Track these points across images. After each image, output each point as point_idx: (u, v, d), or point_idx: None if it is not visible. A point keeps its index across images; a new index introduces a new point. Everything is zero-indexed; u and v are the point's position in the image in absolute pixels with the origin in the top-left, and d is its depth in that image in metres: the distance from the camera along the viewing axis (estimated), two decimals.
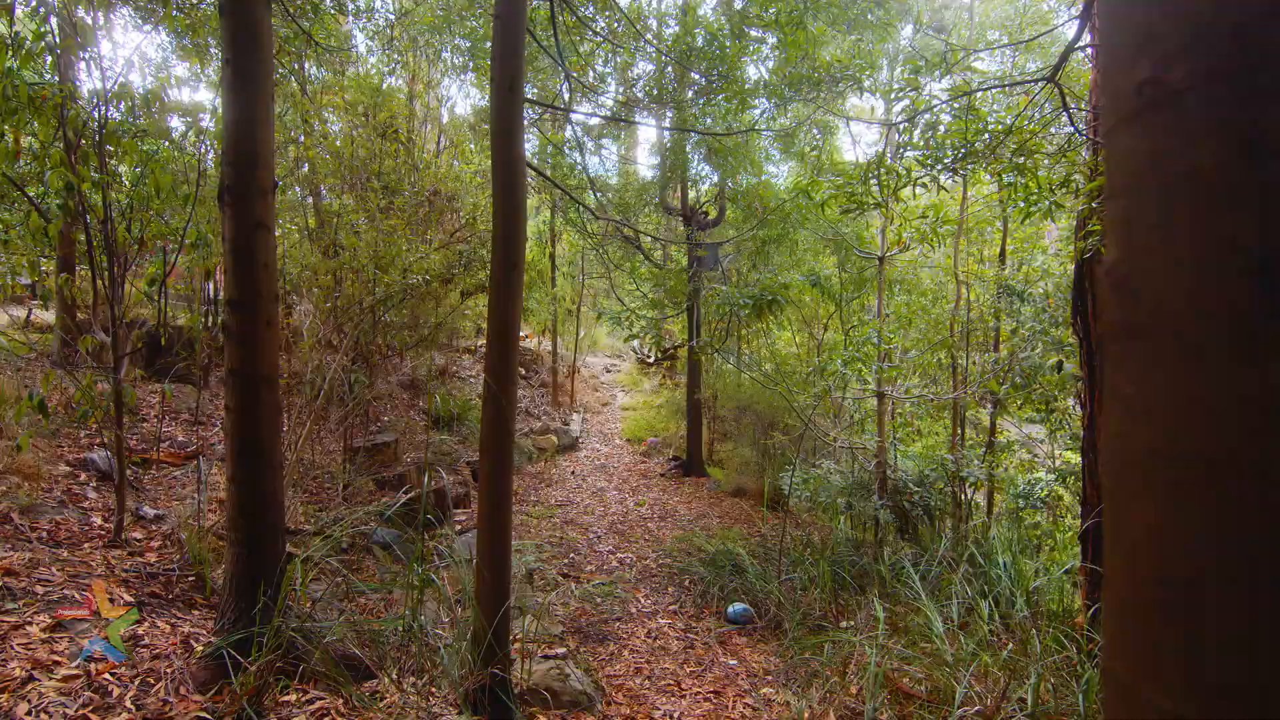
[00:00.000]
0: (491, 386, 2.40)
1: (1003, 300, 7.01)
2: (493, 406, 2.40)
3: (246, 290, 2.39)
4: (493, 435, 2.42)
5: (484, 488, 2.44)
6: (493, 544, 2.44)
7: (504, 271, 2.41)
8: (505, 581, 2.45)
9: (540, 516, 7.32)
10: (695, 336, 8.36)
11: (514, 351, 2.42)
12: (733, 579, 5.19)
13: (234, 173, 2.39)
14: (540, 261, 11.59)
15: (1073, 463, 7.60)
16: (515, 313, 2.41)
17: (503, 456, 2.44)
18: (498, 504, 2.44)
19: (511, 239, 2.44)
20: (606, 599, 5.06)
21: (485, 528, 2.44)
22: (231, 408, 2.40)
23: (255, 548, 2.42)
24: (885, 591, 5.25)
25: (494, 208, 2.47)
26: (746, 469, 9.31)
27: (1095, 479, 3.74)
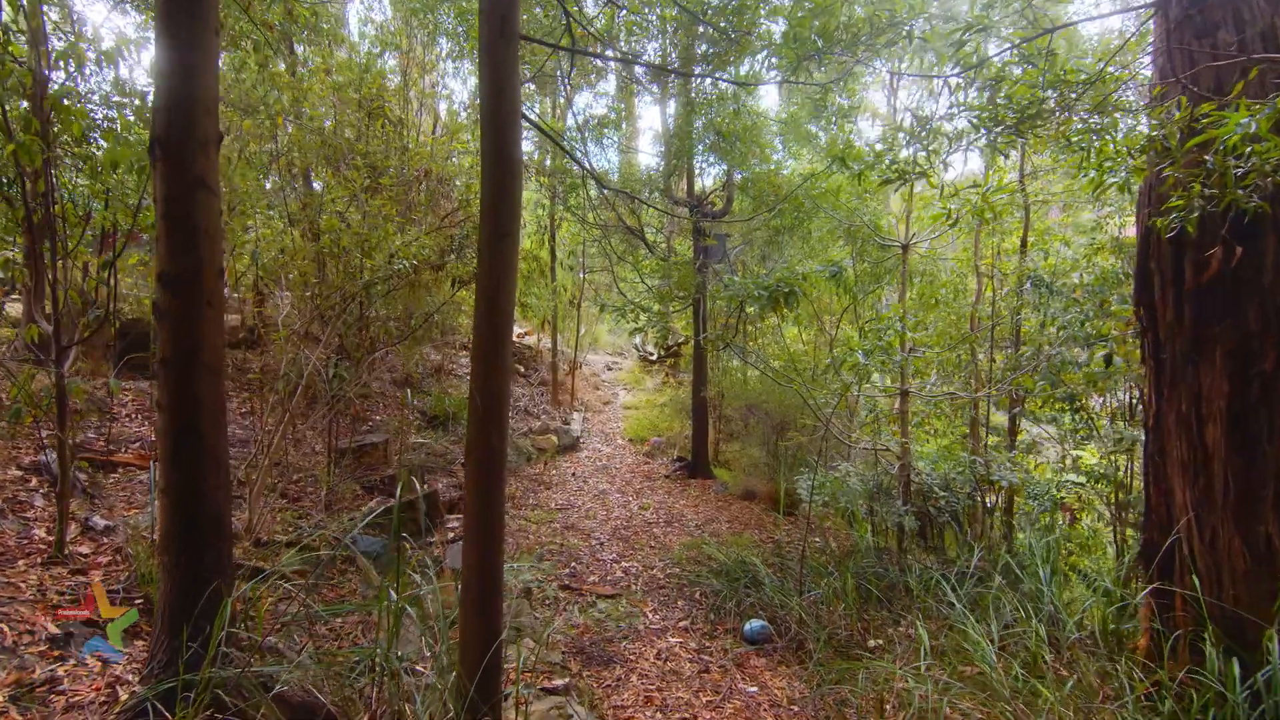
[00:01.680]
0: (479, 377, 1.99)
1: (1030, 293, 6.59)
2: (481, 401, 1.99)
3: (182, 262, 1.98)
4: (481, 436, 2.01)
5: (470, 499, 2.02)
6: (481, 570, 2.03)
7: (493, 241, 2.00)
8: (495, 617, 2.04)
9: (539, 521, 6.91)
10: (702, 331, 7.94)
11: (506, 335, 2.00)
12: (748, 592, 4.78)
13: (167, 121, 1.98)
14: (539, 250, 11.17)
15: (1099, 464, 7.20)
16: (507, 289, 1.99)
17: (493, 461, 2.02)
18: (487, 519, 2.02)
19: (502, 203, 2.02)
20: (611, 618, 4.65)
21: (472, 549, 2.02)
22: (164, 404, 1.99)
23: (193, 572, 2.01)
24: (913, 605, 4.85)
25: (482, 168, 2.06)
26: (755, 470, 8.90)
27: (1164, 485, 3.32)
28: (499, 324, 2.00)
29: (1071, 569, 6.25)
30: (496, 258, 2.00)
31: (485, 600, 1.97)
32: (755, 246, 8.06)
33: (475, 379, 1.99)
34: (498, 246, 2.00)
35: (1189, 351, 3.18)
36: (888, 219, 8.41)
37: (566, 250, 11.75)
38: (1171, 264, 3.25)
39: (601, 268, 12.28)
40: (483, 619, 1.94)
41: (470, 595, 1.98)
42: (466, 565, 1.99)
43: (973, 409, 8.35)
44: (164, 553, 2.01)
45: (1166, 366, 3.30)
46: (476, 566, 1.98)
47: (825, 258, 6.20)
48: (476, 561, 1.98)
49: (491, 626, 1.99)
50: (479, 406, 1.96)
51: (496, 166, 2.03)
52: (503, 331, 2.00)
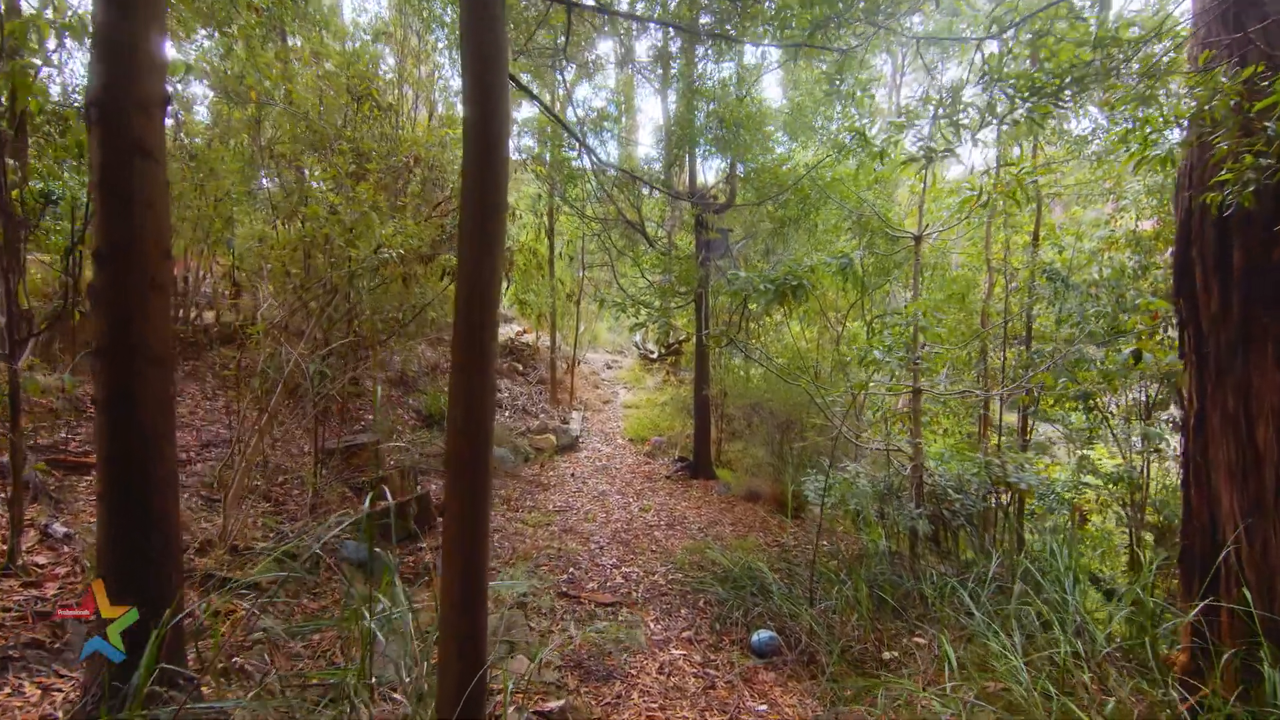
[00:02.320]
0: (460, 375, 1.74)
1: (1045, 288, 6.34)
2: (462, 401, 1.74)
3: (119, 237, 1.74)
4: (463, 440, 1.77)
5: (450, 516, 1.78)
6: (465, 597, 1.78)
7: (477, 218, 1.76)
8: (478, 645, 1.79)
9: (536, 524, 6.67)
10: (704, 328, 7.70)
11: (489, 326, 1.76)
12: (755, 600, 4.54)
13: (103, 80, 1.73)
14: (536, 243, 10.92)
15: (1117, 465, 6.96)
16: (491, 273, 1.75)
17: (476, 470, 1.78)
18: (471, 535, 1.78)
19: (486, 177, 1.78)
20: (609, 636, 4.40)
21: (452, 570, 1.78)
22: (101, 400, 1.74)
23: (133, 592, 1.76)
24: (928, 615, 4.61)
25: (465, 137, 1.81)
26: (759, 471, 8.66)
27: (1207, 490, 3.08)
28: (482, 315, 1.76)
29: (1082, 571, 6.01)
30: (478, 240, 1.76)
31: (465, 633, 1.73)
32: (759, 240, 7.81)
33: (455, 377, 1.75)
34: (480, 227, 1.76)
35: (1236, 344, 2.94)
36: (895, 211, 8.16)
37: (565, 240, 11.50)
38: (1216, 249, 3.01)
39: (601, 263, 12.04)
40: (462, 655, 1.70)
41: (449, 630, 1.73)
42: (444, 596, 1.75)
43: (982, 407, 8.11)
44: (101, 565, 1.77)
45: (1210, 361, 3.06)
46: (458, 603, 1.73)
47: (832, 251, 5.96)
48: (457, 594, 1.73)
49: (473, 656, 1.74)
50: (459, 412, 1.72)
51: (480, 135, 1.79)
52: (486, 323, 1.76)
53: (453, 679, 1.75)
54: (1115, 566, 7.75)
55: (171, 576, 1.86)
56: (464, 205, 1.79)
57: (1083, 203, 9.06)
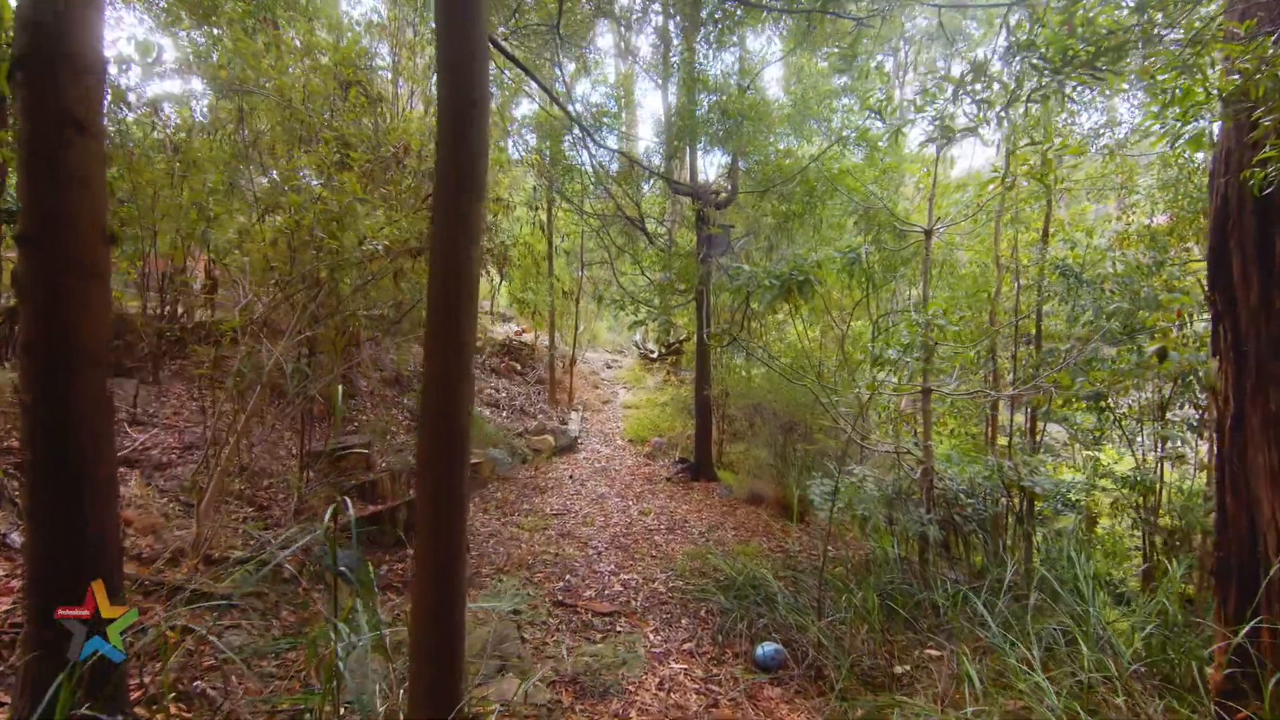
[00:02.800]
0: (433, 374, 1.55)
1: (1058, 284, 6.13)
2: (435, 389, 1.55)
3: (48, 219, 1.53)
4: (436, 433, 1.57)
5: (423, 517, 1.59)
6: (438, 614, 1.58)
7: (451, 192, 1.56)
8: (453, 673, 1.59)
9: (533, 528, 6.47)
10: (706, 326, 7.49)
11: (467, 306, 1.56)
12: (759, 609, 4.33)
13: (31, 38, 1.53)
14: (533, 239, 10.71)
15: (1129, 467, 6.75)
16: (466, 260, 1.55)
17: (452, 468, 1.58)
18: (444, 544, 1.58)
19: (461, 147, 1.58)
20: (605, 657, 4.21)
21: (424, 584, 1.58)
22: (28, 402, 1.54)
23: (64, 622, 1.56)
24: (940, 625, 4.41)
25: (439, 103, 1.61)
26: (762, 473, 8.45)
27: (1245, 496, 2.87)
28: (458, 294, 1.56)
29: (1101, 578, 5.80)
30: (454, 217, 1.56)
31: (438, 655, 1.53)
32: (761, 237, 7.61)
33: (429, 364, 1.55)
34: (456, 202, 1.56)
35: (1279, 340, 2.74)
36: (901, 208, 7.96)
37: (563, 236, 11.29)
38: (1256, 238, 2.80)
39: (600, 261, 11.84)
40: (434, 689, 1.50)
41: (421, 652, 1.53)
42: (415, 613, 1.55)
43: (990, 408, 7.90)
44: (32, 594, 1.57)
45: (1249, 359, 2.86)
46: (430, 622, 1.53)
47: (837, 247, 5.75)
48: (429, 610, 1.53)
49: (447, 688, 1.54)
50: (432, 401, 1.52)
51: (454, 99, 1.59)
52: (462, 302, 1.56)
53: (425, 709, 1.55)
54: (1126, 571, 7.54)
55: (114, 597, 1.66)
56: (439, 177, 1.59)
57: (1093, 198, 8.85)
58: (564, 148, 8.96)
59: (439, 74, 1.61)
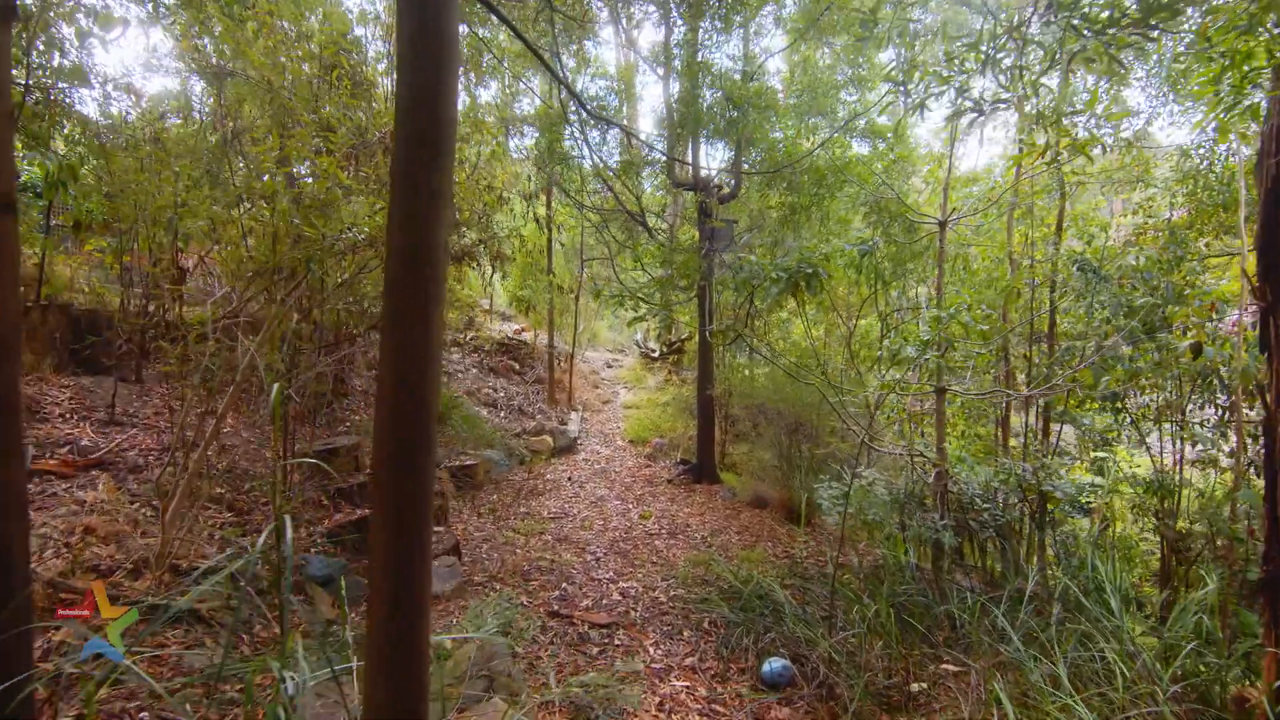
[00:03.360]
0: (393, 327, 1.32)
1: (1077, 279, 5.88)
2: (393, 364, 1.31)
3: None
4: (394, 417, 1.33)
5: (376, 528, 1.35)
6: (396, 646, 1.34)
7: (409, 151, 1.32)
8: (417, 715, 1.35)
9: (529, 533, 6.23)
10: (708, 323, 7.25)
11: (430, 300, 1.32)
12: (765, 621, 4.09)
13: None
14: (530, 229, 10.47)
15: (1145, 469, 6.50)
16: (432, 224, 1.31)
17: (414, 461, 1.34)
18: (405, 567, 1.34)
19: (423, 101, 1.34)
20: (599, 690, 3.97)
21: (378, 610, 1.34)
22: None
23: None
24: (957, 638, 4.16)
25: (397, 47, 1.37)
26: (766, 475, 8.21)
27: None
28: (422, 285, 1.31)
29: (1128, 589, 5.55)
30: (414, 182, 1.32)
31: (396, 710, 1.29)
32: (765, 231, 7.37)
33: (385, 336, 1.32)
34: (417, 164, 1.32)
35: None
36: (910, 199, 7.70)
37: (561, 229, 11.04)
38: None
39: (601, 258, 11.59)
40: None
41: (375, 707, 1.29)
42: (370, 662, 1.31)
43: (1003, 408, 7.65)
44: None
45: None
46: (384, 679, 1.29)
47: (848, 239, 5.51)
48: (382, 644, 1.29)
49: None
50: (389, 376, 1.28)
51: (418, 42, 1.35)
52: (427, 296, 1.31)
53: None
54: (1142, 577, 7.29)
55: (19, 619, 1.43)
56: (396, 142, 1.35)
57: (1107, 191, 8.60)
58: (566, 145, 8.75)
59: (399, 13, 1.38)
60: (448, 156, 1.36)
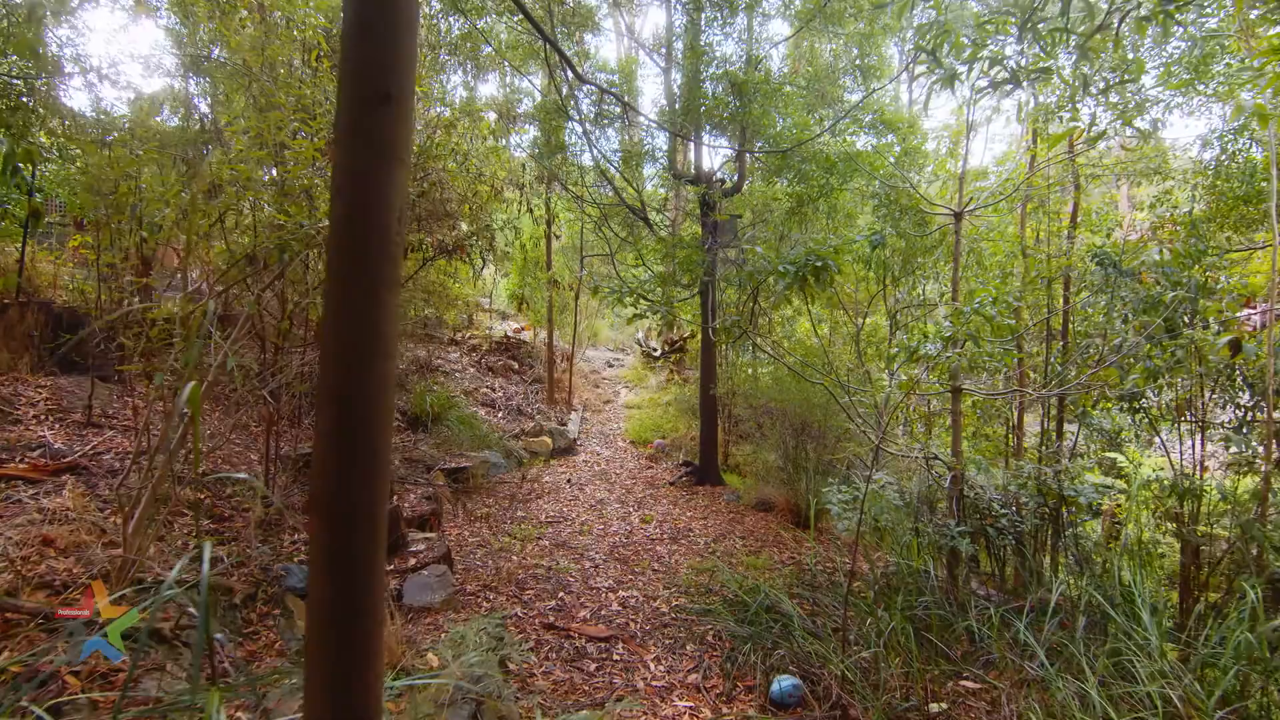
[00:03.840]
0: (338, 287, 1.09)
1: (1095, 273, 5.63)
2: (338, 331, 1.09)
3: None
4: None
5: (319, 561, 1.11)
6: (337, 696, 1.10)
7: (355, 90, 1.09)
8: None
9: (525, 538, 6.00)
10: (711, 320, 7.01)
11: (382, 281, 1.08)
12: (773, 635, 3.85)
13: None
14: (531, 228, 10.24)
15: (1155, 470, 6.26)
16: (383, 185, 1.07)
17: (368, 451, 1.11)
18: (349, 602, 1.10)
19: (367, 39, 1.10)
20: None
21: (320, 661, 1.10)
22: None
23: None
24: (977, 653, 3.92)
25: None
26: (771, 477, 7.97)
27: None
28: (370, 262, 1.08)
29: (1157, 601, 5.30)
30: (362, 131, 1.08)
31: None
32: (771, 225, 7.12)
33: (329, 298, 1.08)
34: (365, 108, 1.08)
35: None
36: (921, 189, 7.46)
37: (551, 218, 10.81)
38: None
39: (601, 255, 11.36)
40: None
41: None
42: (307, 713, 1.07)
43: (1017, 408, 7.41)
44: None
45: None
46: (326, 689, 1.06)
47: (858, 230, 5.26)
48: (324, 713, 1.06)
49: None
50: (330, 347, 1.05)
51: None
52: (376, 277, 1.08)
53: None
54: (1159, 580, 7.04)
55: None
56: (341, 94, 1.11)
57: (1123, 184, 8.36)
58: (565, 138, 8.51)
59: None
60: (405, 105, 1.12)
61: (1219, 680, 3.14)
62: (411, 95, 1.16)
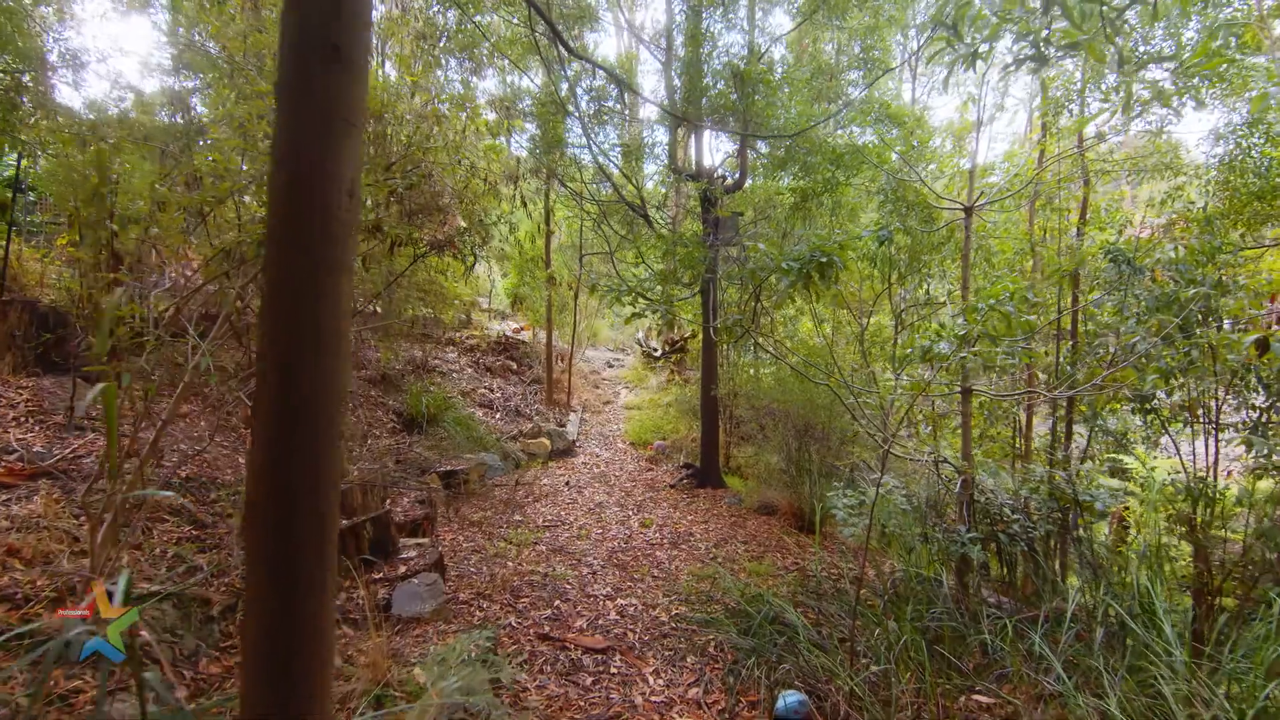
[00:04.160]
0: (278, 252, 0.92)
1: (1109, 270, 5.47)
2: (279, 307, 0.92)
3: None
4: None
5: (252, 565, 0.94)
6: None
7: (297, 37, 0.92)
8: None
9: (521, 543, 5.84)
10: (713, 320, 6.85)
11: (327, 260, 0.92)
12: (777, 648, 3.69)
13: None
14: (527, 224, 10.08)
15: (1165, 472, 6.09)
16: (330, 154, 0.91)
17: (316, 438, 0.95)
18: (285, 640, 0.94)
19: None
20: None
21: (254, 694, 0.94)
22: None
23: None
24: (989, 665, 3.75)
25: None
26: (773, 480, 7.81)
27: None
28: (313, 243, 0.92)
29: None
30: (305, 90, 0.92)
31: None
32: (773, 222, 6.96)
33: (269, 265, 0.92)
34: (308, 64, 0.92)
35: None
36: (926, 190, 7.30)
37: (548, 211, 10.66)
38: None
39: (600, 252, 11.20)
40: None
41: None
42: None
43: (1025, 410, 7.24)
44: None
45: None
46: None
47: (863, 226, 5.10)
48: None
49: None
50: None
51: None
52: (318, 259, 0.92)
53: None
54: (1169, 584, 6.87)
55: None
56: (285, 13, 0.95)
57: (1132, 180, 8.19)
58: (564, 133, 8.35)
59: None
60: (356, 62, 0.96)
61: (1249, 697, 2.98)
62: (365, 53, 0.99)
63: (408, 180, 3.54)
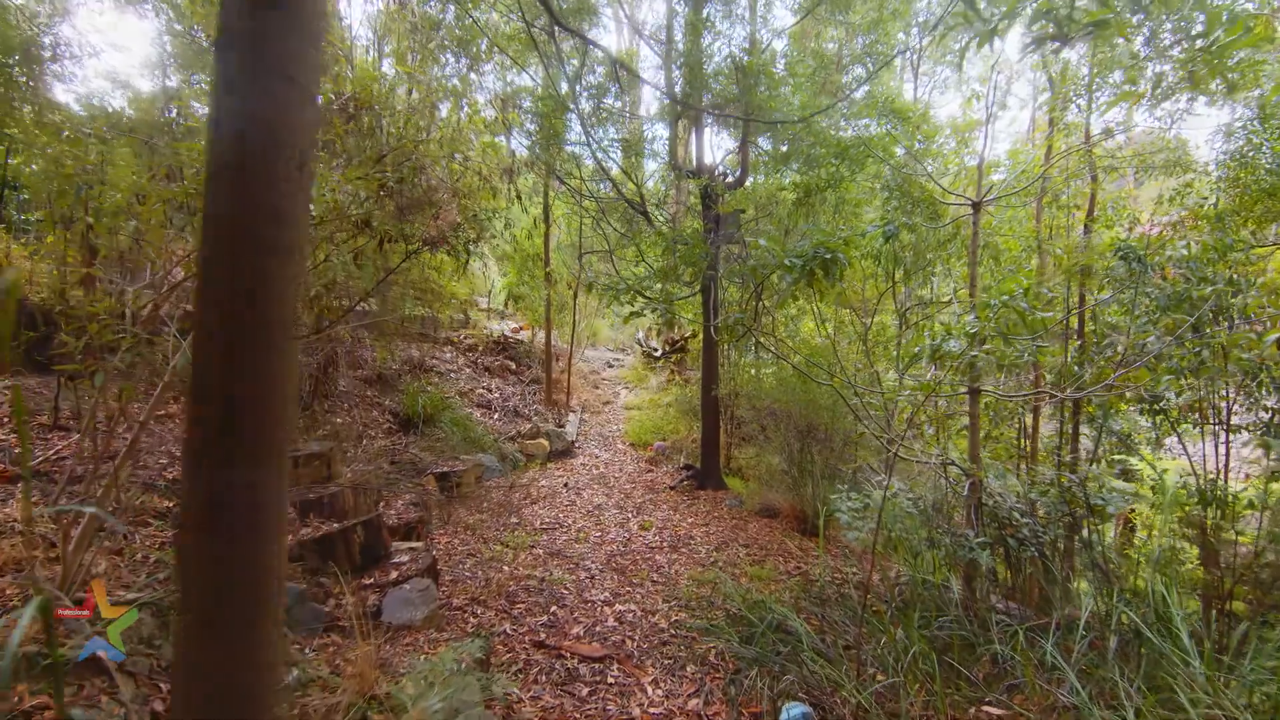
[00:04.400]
0: (214, 227, 0.79)
1: (1119, 267, 5.34)
2: (218, 288, 0.79)
3: None
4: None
5: (195, 599, 0.82)
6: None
7: (236, 6, 0.79)
8: None
9: (518, 547, 5.72)
10: (714, 318, 6.73)
11: (272, 242, 0.79)
12: (780, 657, 3.56)
13: None
14: (525, 221, 9.96)
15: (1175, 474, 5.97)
16: (275, 124, 0.78)
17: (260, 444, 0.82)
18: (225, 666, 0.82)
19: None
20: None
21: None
22: None
23: None
24: (999, 675, 3.63)
25: None
26: (774, 481, 7.68)
27: None
28: (251, 216, 0.80)
29: None
30: (243, 47, 0.80)
31: None
32: (775, 219, 6.84)
33: (205, 238, 0.80)
34: (247, 17, 0.80)
35: None
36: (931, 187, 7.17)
37: (550, 217, 10.54)
38: None
39: (600, 251, 11.07)
40: None
41: None
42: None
43: (1032, 411, 7.11)
44: None
45: None
46: None
47: (868, 221, 4.98)
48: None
49: None
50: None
51: None
52: (257, 239, 0.80)
53: None
54: (1179, 588, 6.74)
55: None
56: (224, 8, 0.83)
57: (1140, 177, 8.07)
58: (565, 135, 8.22)
59: None
60: (302, 13, 0.84)
61: (1276, 708, 2.85)
62: (313, 3, 0.87)
63: (398, 173, 3.42)
